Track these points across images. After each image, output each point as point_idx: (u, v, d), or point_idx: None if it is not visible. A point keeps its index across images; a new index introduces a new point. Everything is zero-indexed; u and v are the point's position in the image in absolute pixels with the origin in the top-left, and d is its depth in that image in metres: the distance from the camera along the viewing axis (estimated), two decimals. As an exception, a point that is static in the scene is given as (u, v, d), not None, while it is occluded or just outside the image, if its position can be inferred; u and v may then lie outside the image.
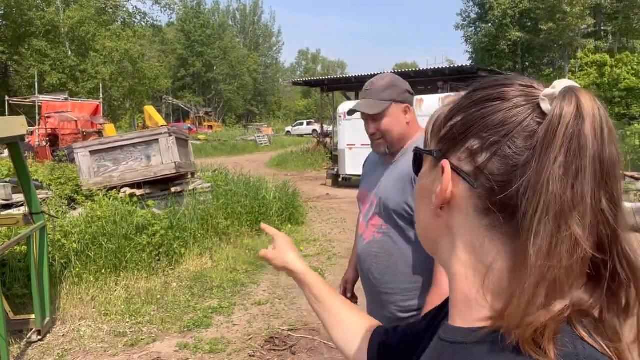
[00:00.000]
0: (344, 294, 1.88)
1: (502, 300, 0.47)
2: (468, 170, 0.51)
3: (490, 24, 34.32)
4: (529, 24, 32.03)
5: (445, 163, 0.53)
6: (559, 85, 0.48)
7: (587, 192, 0.44)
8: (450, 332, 0.54)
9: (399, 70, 20.10)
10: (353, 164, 12.45)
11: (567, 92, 0.46)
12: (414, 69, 18.47)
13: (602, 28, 30.20)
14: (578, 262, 0.44)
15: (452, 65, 21.66)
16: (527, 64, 35.86)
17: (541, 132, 0.46)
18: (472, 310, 0.52)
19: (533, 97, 0.49)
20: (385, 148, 1.76)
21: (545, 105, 0.47)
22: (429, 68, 18.59)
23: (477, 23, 37.23)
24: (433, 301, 1.52)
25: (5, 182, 6.27)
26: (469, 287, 0.53)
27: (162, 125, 18.79)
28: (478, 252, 0.52)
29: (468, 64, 18.68)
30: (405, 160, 1.70)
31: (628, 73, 25.25)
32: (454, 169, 0.52)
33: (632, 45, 28.15)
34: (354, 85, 20.25)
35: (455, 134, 0.53)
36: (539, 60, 34.87)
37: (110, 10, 33.57)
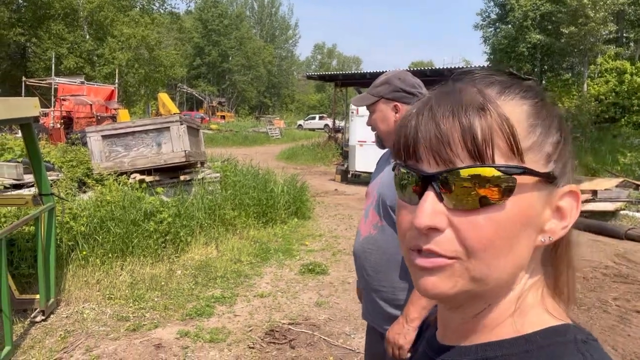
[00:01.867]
0: (361, 300, 1.88)
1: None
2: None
3: (510, 25, 33.86)
4: (550, 27, 31.54)
5: (578, 189, 0.49)
6: None
7: None
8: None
9: (414, 69, 19.96)
10: (363, 161, 12.41)
11: None
12: (429, 68, 18.33)
13: (624, 35, 29.67)
14: None
15: (468, 66, 21.44)
16: (545, 67, 35.35)
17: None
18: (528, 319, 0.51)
19: None
20: (378, 143, 1.82)
21: None
22: (445, 67, 18.45)
23: (497, 24, 36.74)
24: (413, 299, 1.53)
25: (18, 162, 6.35)
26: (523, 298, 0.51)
27: (174, 113, 18.88)
28: (534, 269, 0.52)
29: (485, 65, 18.48)
30: None
31: (648, 81, 24.77)
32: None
33: (654, 53, 27.64)
34: (368, 82, 20.13)
35: (563, 154, 0.49)
36: (558, 64, 34.35)
37: (130, -4, 33.75)
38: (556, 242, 0.51)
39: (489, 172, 0.45)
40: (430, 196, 0.47)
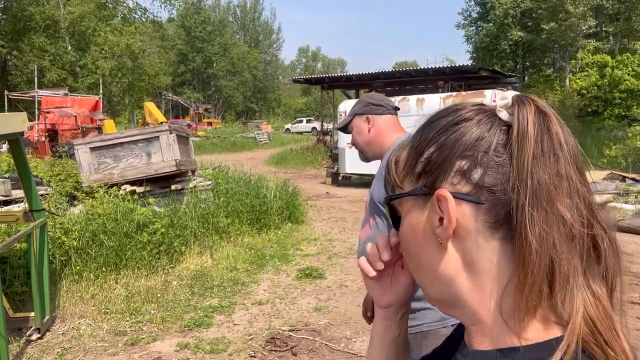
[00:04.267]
0: (365, 313, 1.87)
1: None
2: (467, 190, 0.51)
3: (491, 24, 34.26)
4: (530, 23, 31.96)
5: (444, 191, 0.51)
6: (508, 95, 0.53)
7: (570, 175, 0.49)
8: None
9: (399, 69, 20.07)
10: (353, 163, 12.43)
11: (521, 97, 0.52)
12: (414, 68, 18.45)
13: (604, 29, 30.17)
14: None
15: (452, 65, 21.64)
16: (527, 64, 35.81)
17: (514, 133, 0.50)
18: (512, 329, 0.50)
19: (489, 111, 0.54)
20: (361, 157, 1.98)
21: (504, 114, 0.52)
22: (429, 67, 18.57)
23: (479, 22, 37.16)
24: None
25: (5, 178, 6.23)
26: (495, 308, 0.51)
27: (162, 122, 18.71)
28: (494, 272, 0.51)
29: (468, 64, 18.66)
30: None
31: (629, 75, 25.22)
32: (453, 194, 0.51)
33: (632, 46, 28.12)
34: (354, 84, 20.24)
35: (436, 163, 0.53)
36: (540, 60, 34.80)
37: (111, 5, 33.44)
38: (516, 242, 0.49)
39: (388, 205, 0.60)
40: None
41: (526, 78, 34.06)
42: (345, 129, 1.97)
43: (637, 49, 27.00)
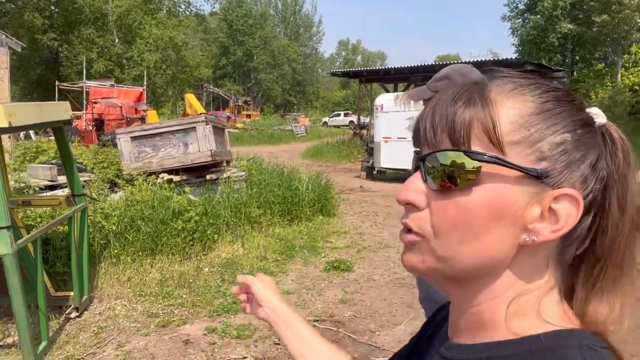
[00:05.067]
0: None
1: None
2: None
3: (539, 16, 32.98)
4: (581, 16, 30.57)
5: (577, 194, 0.47)
6: (597, 112, 0.52)
7: None
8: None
9: (440, 62, 19.68)
10: (388, 157, 12.33)
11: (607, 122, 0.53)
12: (455, 62, 18.03)
13: (661, 21, 28.48)
14: None
15: (496, 58, 21.03)
16: (577, 58, 34.29)
17: (620, 153, 0.50)
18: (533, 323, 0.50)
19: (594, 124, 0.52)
20: None
21: (609, 131, 0.52)
22: (472, 61, 18.12)
23: (526, 14, 35.83)
24: None
25: (52, 164, 6.58)
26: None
27: (201, 113, 19.18)
28: (537, 273, 0.51)
29: (514, 57, 18.07)
30: None
31: (687, 70, 23.78)
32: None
33: (693, 40, 26.45)
34: (392, 77, 20.02)
35: (571, 156, 0.48)
36: (590, 54, 33.26)
37: (157, -1, 34.42)
38: (598, 258, 0.50)
39: (456, 156, 0.48)
40: (417, 175, 0.52)
41: (575, 73, 32.63)
42: (423, 101, 1.80)
43: (698, 42, 25.36)
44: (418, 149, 0.54)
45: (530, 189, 0.47)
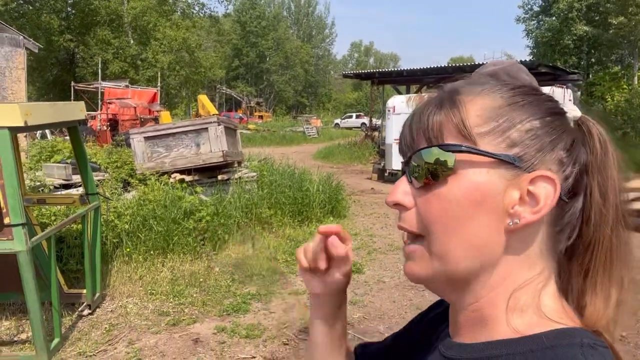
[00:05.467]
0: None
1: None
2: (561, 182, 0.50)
3: (554, 17, 32.65)
4: (597, 18, 30.20)
5: (553, 175, 0.49)
6: (573, 107, 0.55)
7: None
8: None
9: (452, 64, 19.57)
10: (400, 159, 12.27)
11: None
12: (469, 64, 17.93)
13: (680, 23, 27.98)
14: None
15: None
16: (592, 60, 33.87)
17: (597, 144, 0.52)
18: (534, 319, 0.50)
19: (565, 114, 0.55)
20: None
21: (586, 123, 0.54)
22: (485, 62, 17.97)
23: (540, 16, 35.51)
24: None
25: (67, 163, 6.68)
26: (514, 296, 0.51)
27: (213, 114, 19.31)
28: (531, 262, 0.51)
29: (528, 59, 17.89)
30: None
31: None
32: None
33: None
34: (405, 79, 19.93)
35: (542, 141, 0.50)
36: (606, 57, 32.83)
37: (171, 1, 34.75)
38: (586, 246, 0.52)
39: (431, 152, 0.51)
40: (402, 179, 0.56)
41: (590, 75, 32.21)
42: None
43: None
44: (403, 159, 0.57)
45: (507, 174, 0.49)
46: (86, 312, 4.09)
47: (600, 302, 0.51)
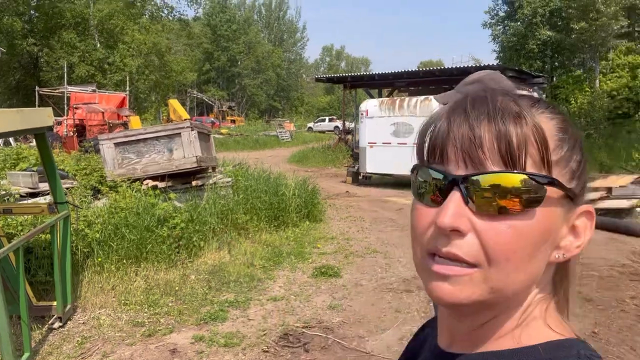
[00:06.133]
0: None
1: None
2: None
3: (519, 23, 33.60)
4: (560, 23, 31.23)
5: (593, 210, 0.49)
6: None
7: None
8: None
9: (423, 69, 19.89)
10: (374, 162, 12.38)
11: None
12: (439, 67, 18.24)
13: (636, 29, 29.23)
14: None
15: (478, 64, 21.32)
16: (556, 64, 34.99)
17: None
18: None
19: None
20: None
21: None
22: (454, 67, 18.34)
23: (506, 21, 36.48)
24: None
25: (33, 171, 6.44)
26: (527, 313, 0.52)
27: (185, 119, 19.02)
28: (545, 281, 0.52)
29: (495, 64, 18.36)
30: None
31: (662, 76, 24.43)
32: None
33: (667, 47, 27.20)
34: (377, 83, 20.13)
35: (585, 172, 0.49)
36: (569, 60, 33.97)
37: (139, 4, 34.10)
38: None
39: (518, 178, 0.45)
40: (455, 197, 0.47)
41: (554, 79, 33.28)
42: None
43: (672, 49, 26.09)
44: (439, 167, 0.49)
45: (565, 209, 0.48)
46: (57, 325, 3.94)
47: (572, 306, 0.54)
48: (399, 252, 6.26)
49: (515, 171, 0.45)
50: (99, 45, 30.78)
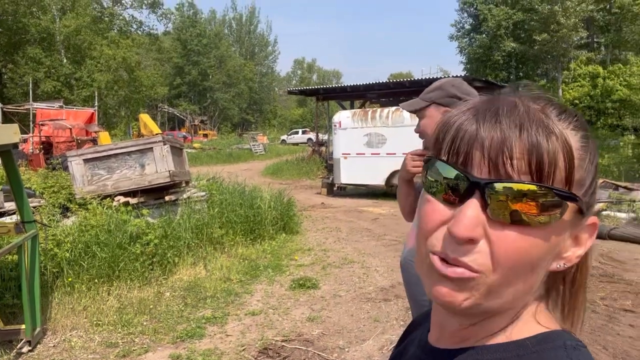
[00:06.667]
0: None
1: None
2: None
3: (484, 35, 34.68)
4: (523, 35, 32.38)
5: (597, 221, 0.49)
6: None
7: None
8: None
9: (393, 80, 20.23)
10: (348, 173, 12.45)
11: None
12: (408, 79, 18.57)
13: (595, 40, 30.57)
14: None
15: (446, 75, 21.81)
16: (521, 74, 36.21)
17: None
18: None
19: None
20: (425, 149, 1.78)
21: None
22: (423, 78, 18.71)
23: (472, 34, 37.60)
24: None
25: (-2, 190, 6.21)
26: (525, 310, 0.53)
27: (157, 134, 18.73)
28: (538, 289, 0.53)
29: (462, 75, 18.82)
30: None
31: (620, 84, 25.55)
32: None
33: (624, 57, 28.50)
34: (349, 95, 20.34)
35: (595, 190, 0.49)
36: (533, 71, 35.21)
37: (107, 19, 33.65)
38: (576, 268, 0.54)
39: (545, 192, 0.44)
40: (474, 204, 0.46)
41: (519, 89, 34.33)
42: (416, 112, 1.79)
43: (629, 59, 27.33)
44: (461, 168, 0.47)
45: (575, 222, 0.49)
46: (26, 349, 3.78)
47: (581, 312, 0.55)
48: (376, 261, 6.28)
49: (541, 184, 0.45)
50: (65, 60, 30.15)
